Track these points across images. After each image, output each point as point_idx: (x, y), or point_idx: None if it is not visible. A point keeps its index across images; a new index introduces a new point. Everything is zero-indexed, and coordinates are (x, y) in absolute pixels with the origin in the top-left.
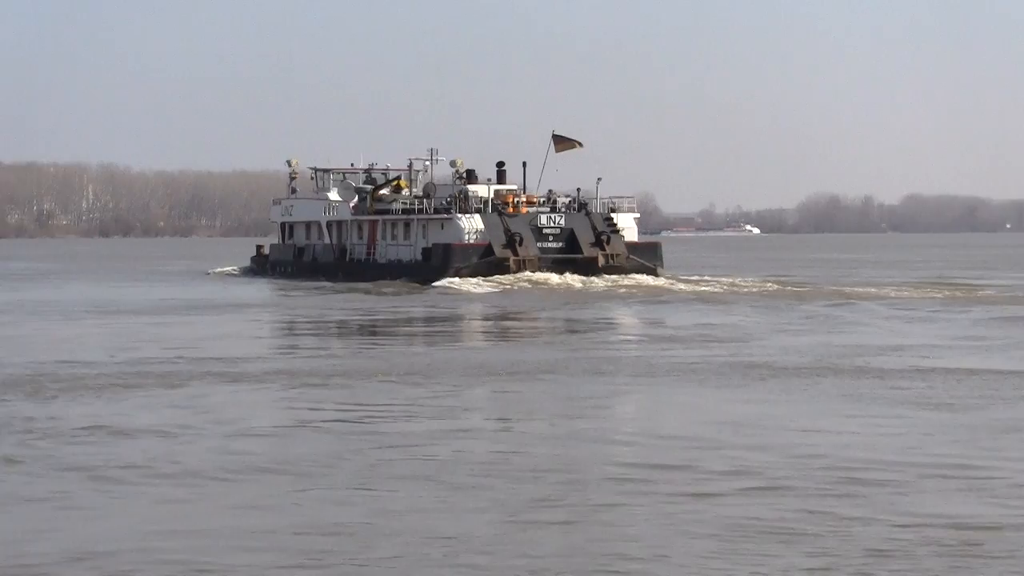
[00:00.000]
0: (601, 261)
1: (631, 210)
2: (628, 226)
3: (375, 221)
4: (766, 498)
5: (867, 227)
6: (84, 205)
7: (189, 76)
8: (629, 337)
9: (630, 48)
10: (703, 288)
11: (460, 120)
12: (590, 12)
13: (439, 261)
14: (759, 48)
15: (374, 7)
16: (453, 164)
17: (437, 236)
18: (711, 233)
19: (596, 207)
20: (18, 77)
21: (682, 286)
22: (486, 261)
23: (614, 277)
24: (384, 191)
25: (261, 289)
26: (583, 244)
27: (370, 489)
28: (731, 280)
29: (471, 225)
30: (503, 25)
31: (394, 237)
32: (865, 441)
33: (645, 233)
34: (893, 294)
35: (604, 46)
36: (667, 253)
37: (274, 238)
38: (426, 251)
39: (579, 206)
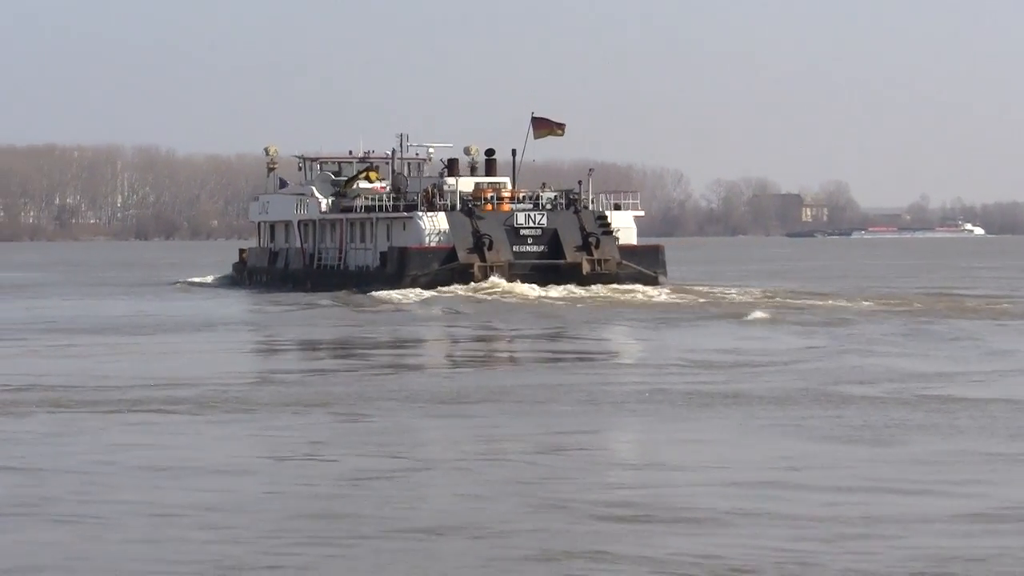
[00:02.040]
0: (586, 268)
1: (634, 207)
2: (626, 226)
3: (343, 221)
4: None
5: None
6: (119, 200)
7: (241, 41)
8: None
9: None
10: (682, 301)
11: (487, 101)
12: None
13: (394, 268)
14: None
15: None
16: (467, 151)
17: (398, 238)
18: (918, 234)
19: (597, 204)
20: (34, 45)
21: (664, 298)
22: (448, 268)
23: (598, 287)
24: (358, 183)
25: (192, 303)
26: (567, 248)
27: None
28: (727, 291)
29: (434, 225)
30: None
31: (363, 239)
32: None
33: (833, 234)
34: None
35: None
36: (796, 258)
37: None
38: (383, 256)
39: (568, 202)
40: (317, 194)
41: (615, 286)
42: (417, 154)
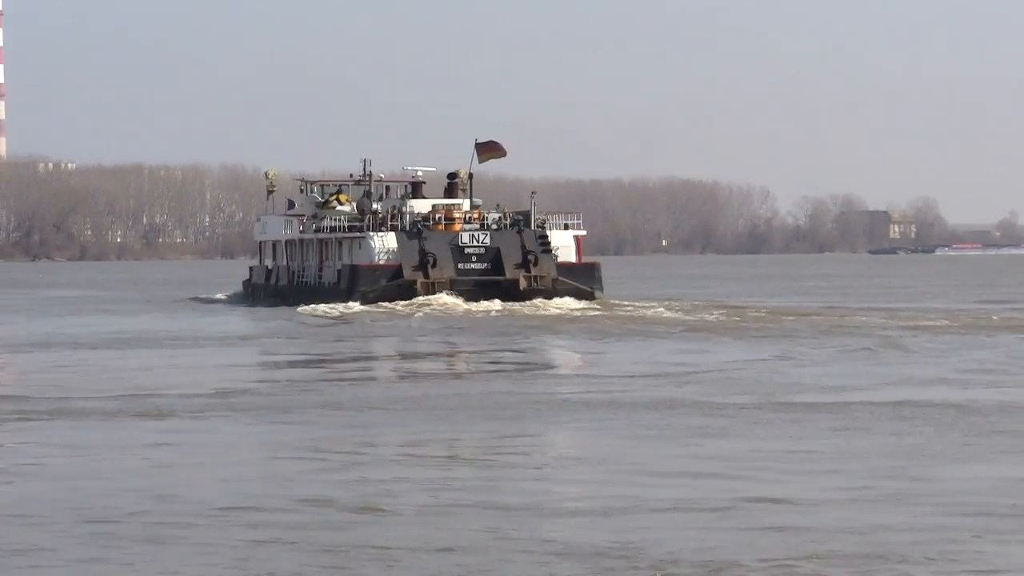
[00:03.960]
0: (523, 284)
1: (576, 227)
2: (565, 245)
3: (315, 240)
4: None
5: None
6: (207, 219)
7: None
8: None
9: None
10: (595, 314)
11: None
12: None
13: (346, 283)
14: None
15: None
16: (454, 175)
17: (354, 257)
18: (1004, 250)
19: (547, 224)
20: (120, 66)
21: (583, 312)
22: (395, 284)
23: (536, 302)
24: (339, 206)
25: (158, 318)
26: (507, 265)
27: None
28: (647, 304)
29: (383, 245)
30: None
31: (329, 258)
32: None
33: (916, 250)
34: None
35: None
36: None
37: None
38: (338, 273)
39: (512, 223)
40: (305, 213)
41: (538, 300)
42: (414, 176)
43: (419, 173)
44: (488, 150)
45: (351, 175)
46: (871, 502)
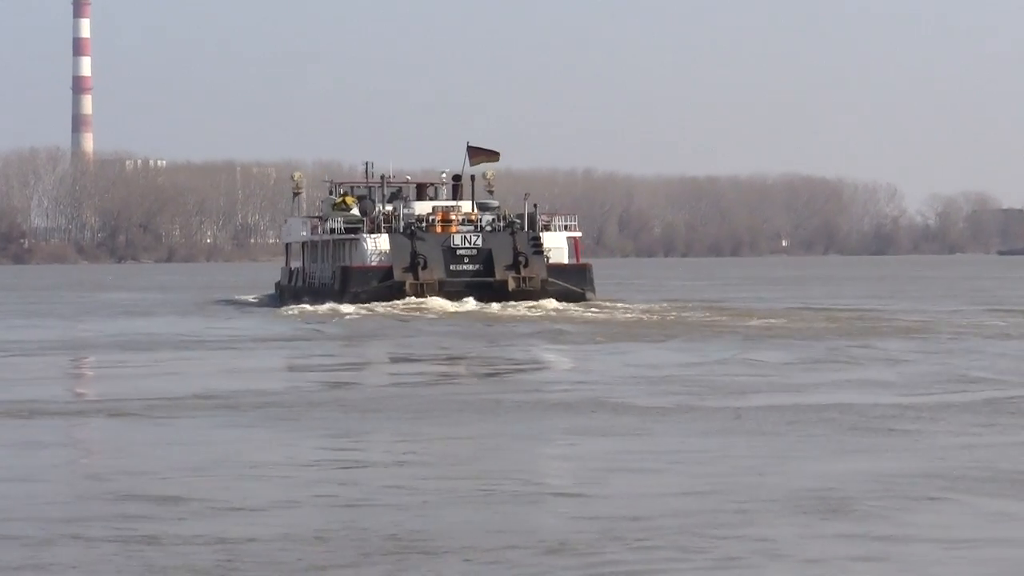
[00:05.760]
0: (512, 285)
1: (572, 228)
2: (557, 246)
3: (321, 242)
4: None
5: None
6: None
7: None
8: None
9: None
10: (580, 314)
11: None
12: None
13: (339, 284)
14: None
15: None
16: (458, 177)
17: (350, 258)
18: None
19: (536, 225)
20: (211, 63)
21: (571, 312)
22: (385, 285)
23: (525, 303)
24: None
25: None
26: (498, 267)
27: None
28: (628, 305)
29: (376, 246)
30: None
31: (332, 259)
32: None
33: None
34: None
35: None
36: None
37: None
38: (333, 274)
39: (506, 224)
40: (321, 217)
41: (532, 302)
42: (443, 175)
43: (443, 175)
44: (480, 154)
45: (382, 176)
46: (692, 495)
